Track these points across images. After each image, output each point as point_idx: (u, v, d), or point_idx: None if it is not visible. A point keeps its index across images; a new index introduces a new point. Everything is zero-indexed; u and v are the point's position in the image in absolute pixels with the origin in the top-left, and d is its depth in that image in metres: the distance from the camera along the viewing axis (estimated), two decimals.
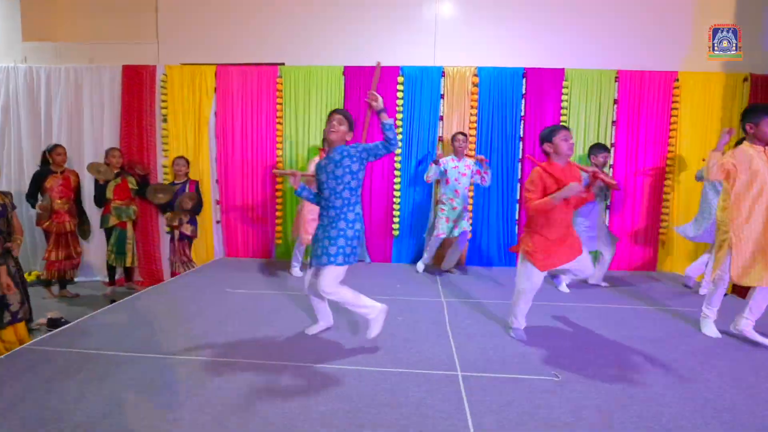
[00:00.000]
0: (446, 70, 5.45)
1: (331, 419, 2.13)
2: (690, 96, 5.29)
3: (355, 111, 5.47)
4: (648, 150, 5.40)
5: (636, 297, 4.38)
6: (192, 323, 3.37)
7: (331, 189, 2.93)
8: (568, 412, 2.24)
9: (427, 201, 5.62)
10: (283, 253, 5.77)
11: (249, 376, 2.52)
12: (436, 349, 3.02)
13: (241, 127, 5.64)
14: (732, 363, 2.85)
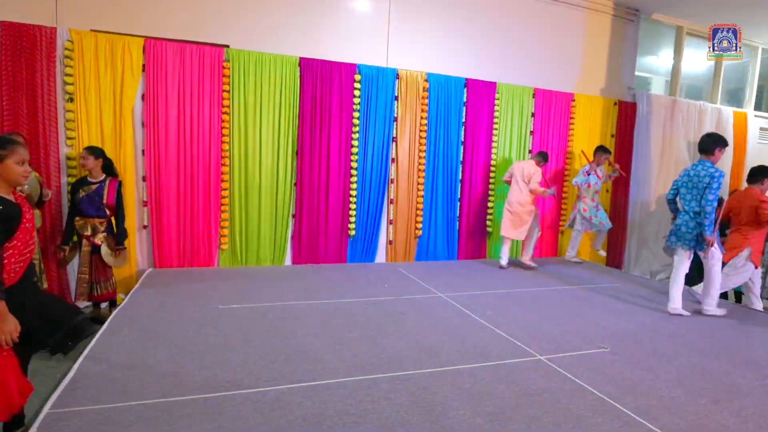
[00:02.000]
0: (400, 73, 5.60)
1: (496, 417, 2.18)
2: (582, 113, 6.60)
3: (310, 105, 5.22)
4: (554, 155, 6.53)
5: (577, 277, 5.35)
6: (254, 354, 2.85)
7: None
8: (644, 370, 2.75)
9: (382, 199, 5.68)
10: (229, 260, 5.13)
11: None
12: (492, 339, 3.23)
13: (177, 114, 4.77)
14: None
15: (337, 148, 5.39)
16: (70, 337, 2.19)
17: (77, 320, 2.21)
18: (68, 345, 2.20)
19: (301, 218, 5.35)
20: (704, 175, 3.84)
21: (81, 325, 2.22)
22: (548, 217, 6.58)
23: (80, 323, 2.22)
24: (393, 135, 5.68)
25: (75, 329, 2.20)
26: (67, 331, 2.16)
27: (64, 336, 2.15)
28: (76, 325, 2.20)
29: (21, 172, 2.09)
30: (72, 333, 2.19)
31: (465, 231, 6.14)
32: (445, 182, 5.97)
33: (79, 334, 2.23)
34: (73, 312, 2.25)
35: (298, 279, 4.69)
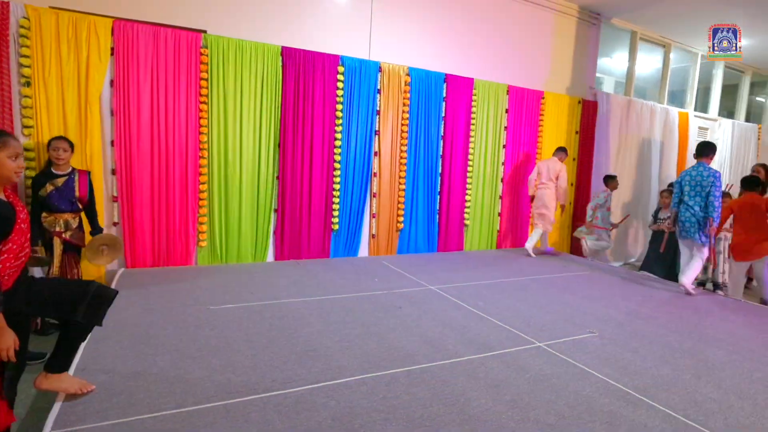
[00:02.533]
0: (382, 66, 5.58)
1: (521, 402, 2.28)
2: (550, 111, 6.89)
3: (293, 96, 5.09)
4: (525, 149, 6.78)
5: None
6: (265, 356, 2.76)
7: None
8: (630, 351, 2.96)
9: (365, 193, 5.66)
10: (208, 258, 4.93)
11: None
12: (491, 329, 3.34)
13: (150, 103, 4.50)
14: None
15: (321, 141, 5.30)
16: (97, 305, 2.06)
17: (94, 288, 2.06)
18: (98, 314, 2.08)
19: (284, 213, 5.23)
20: (707, 176, 4.48)
21: (100, 291, 2.08)
22: (518, 209, 6.84)
23: (99, 289, 2.08)
24: (376, 128, 5.66)
25: (97, 296, 2.06)
26: (90, 301, 2.02)
27: (88, 307, 2.02)
28: (96, 292, 2.05)
29: (14, 167, 1.92)
30: (97, 301, 2.05)
31: (444, 224, 6.26)
32: (426, 176, 6.05)
33: (105, 299, 2.09)
34: (84, 283, 2.09)
35: (284, 276, 4.59)
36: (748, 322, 3.87)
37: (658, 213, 5.74)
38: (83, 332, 2.13)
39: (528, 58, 6.71)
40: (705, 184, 4.48)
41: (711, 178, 4.46)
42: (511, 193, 6.76)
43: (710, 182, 4.45)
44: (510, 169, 6.68)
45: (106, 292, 2.10)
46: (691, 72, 8.64)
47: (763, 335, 3.56)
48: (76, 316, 2.00)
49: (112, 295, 2.13)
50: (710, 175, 4.48)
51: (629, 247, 7.72)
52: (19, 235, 1.87)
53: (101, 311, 2.09)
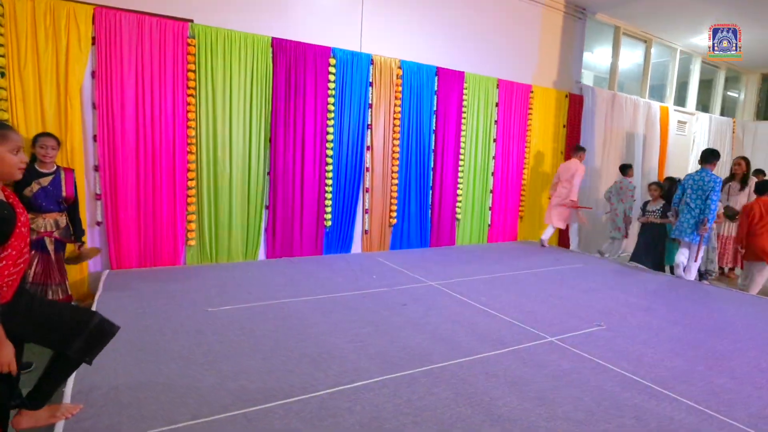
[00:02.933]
0: (374, 59, 5.47)
1: (548, 394, 2.24)
2: (539, 104, 6.92)
3: (284, 89, 4.93)
4: (515, 143, 6.80)
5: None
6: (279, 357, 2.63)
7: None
8: (641, 343, 2.98)
9: (358, 188, 5.55)
10: (197, 257, 4.73)
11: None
12: (500, 325, 3.31)
13: (135, 96, 4.26)
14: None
15: (312, 135, 5.15)
16: (95, 342, 1.89)
17: (95, 321, 1.89)
18: (93, 351, 1.90)
19: (275, 209, 5.07)
20: (708, 181, 4.78)
21: (101, 327, 1.91)
22: (508, 202, 6.86)
23: (101, 324, 1.91)
24: (368, 122, 5.54)
25: (97, 331, 1.89)
26: (88, 336, 1.86)
27: (85, 342, 1.85)
28: (97, 327, 1.89)
29: (16, 163, 1.74)
30: (95, 337, 1.88)
31: (436, 218, 6.21)
32: (418, 170, 5.98)
33: (104, 335, 1.92)
34: (87, 314, 1.92)
35: (278, 274, 4.45)
36: (743, 312, 3.97)
37: (647, 205, 5.84)
38: (71, 368, 1.94)
39: (517, 52, 6.72)
40: (706, 189, 4.78)
41: (711, 183, 4.76)
42: (501, 187, 6.77)
43: (711, 187, 4.75)
44: (500, 163, 6.69)
45: (107, 329, 1.93)
46: (670, 67, 8.85)
47: (760, 324, 3.65)
48: (68, 349, 1.83)
49: (113, 332, 1.95)
50: (711, 180, 4.78)
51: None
52: (19, 239, 1.70)
53: (97, 349, 1.92)
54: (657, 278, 5.11)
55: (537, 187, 7.15)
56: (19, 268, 1.74)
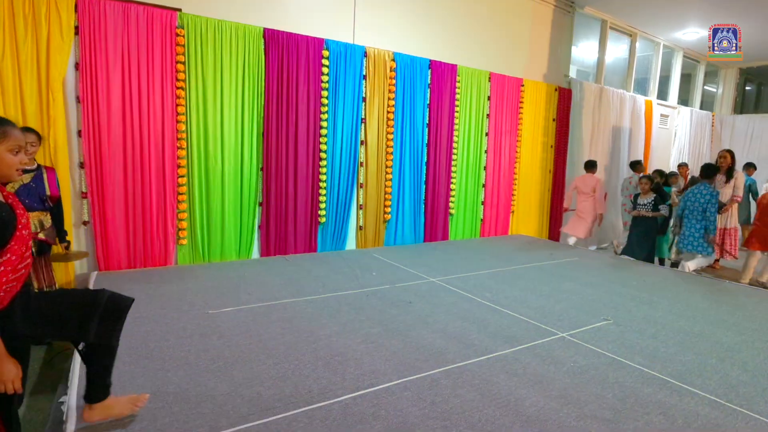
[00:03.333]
0: (368, 51, 5.35)
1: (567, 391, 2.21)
2: (529, 98, 6.93)
3: (276, 82, 4.77)
4: (507, 137, 6.79)
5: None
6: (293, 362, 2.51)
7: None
8: (649, 338, 2.99)
9: (352, 184, 5.44)
10: (189, 257, 4.55)
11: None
12: (510, 321, 3.28)
13: (121, 88, 4.04)
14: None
15: (306, 129, 5.01)
16: (112, 319, 1.75)
17: (105, 297, 1.75)
18: (114, 330, 1.77)
19: (269, 206, 4.92)
20: (705, 194, 5.03)
21: (114, 301, 1.77)
22: (499, 196, 6.86)
23: (111, 299, 1.77)
24: (362, 116, 5.43)
25: (110, 308, 1.75)
26: (102, 315, 1.72)
27: (100, 322, 1.72)
28: (108, 303, 1.74)
29: (15, 164, 1.60)
30: (110, 314, 1.75)
31: (430, 213, 6.15)
32: (412, 165, 5.91)
33: (119, 309, 1.78)
34: (92, 294, 1.76)
35: (275, 273, 4.32)
36: (740, 303, 4.05)
37: (637, 198, 5.92)
38: (104, 353, 1.82)
39: (508, 45, 6.69)
40: (703, 202, 5.03)
41: (708, 196, 5.01)
42: (493, 182, 6.76)
43: (707, 200, 5.00)
44: (492, 157, 6.67)
45: (119, 302, 1.79)
46: (653, 61, 8.99)
47: (759, 315, 3.72)
48: (86, 336, 1.70)
49: (128, 304, 1.82)
50: (708, 194, 5.02)
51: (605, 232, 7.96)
52: (19, 243, 1.55)
53: (117, 325, 1.78)
54: (653, 271, 5.18)
55: (528, 181, 7.17)
56: (20, 274, 1.59)
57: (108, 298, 1.76)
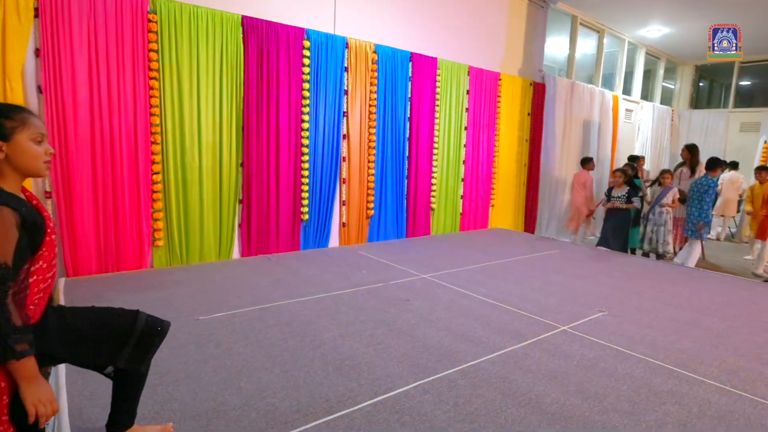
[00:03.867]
0: (349, 42, 5.19)
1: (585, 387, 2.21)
2: (506, 92, 6.98)
3: (256, 73, 4.55)
4: (485, 131, 6.82)
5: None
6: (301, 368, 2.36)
7: None
8: (646, 327, 3.07)
9: (335, 179, 5.30)
10: (166, 259, 4.28)
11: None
12: (511, 316, 3.27)
13: (88, 78, 3.71)
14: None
15: (287, 123, 4.82)
16: (146, 345, 1.58)
17: (143, 321, 1.57)
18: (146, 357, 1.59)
19: (250, 203, 4.70)
20: (704, 184, 5.34)
21: (152, 325, 1.59)
22: (478, 190, 6.90)
23: (150, 322, 1.59)
24: (344, 109, 5.28)
25: (148, 332, 1.57)
26: (138, 340, 1.55)
27: (135, 348, 1.55)
28: (147, 326, 1.57)
29: (41, 154, 1.40)
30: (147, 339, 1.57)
31: (412, 208, 6.10)
32: (394, 159, 5.82)
33: (157, 335, 1.60)
34: (130, 315, 1.58)
35: (261, 274, 4.13)
36: (717, 290, 4.24)
37: (611, 191, 6.10)
38: (137, 377, 1.63)
39: (486, 39, 6.70)
40: (702, 192, 5.34)
41: (705, 187, 5.31)
42: (472, 176, 6.78)
43: (704, 190, 5.30)
44: (471, 151, 6.69)
45: (157, 326, 1.60)
46: (618, 56, 9.29)
47: (736, 301, 3.91)
48: (118, 361, 1.52)
49: (165, 330, 1.63)
50: (706, 184, 5.33)
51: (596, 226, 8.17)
52: (49, 249, 1.38)
53: (150, 352, 1.60)
54: (631, 261, 5.36)
55: (505, 175, 7.25)
56: (48, 284, 1.42)
57: (146, 321, 1.58)
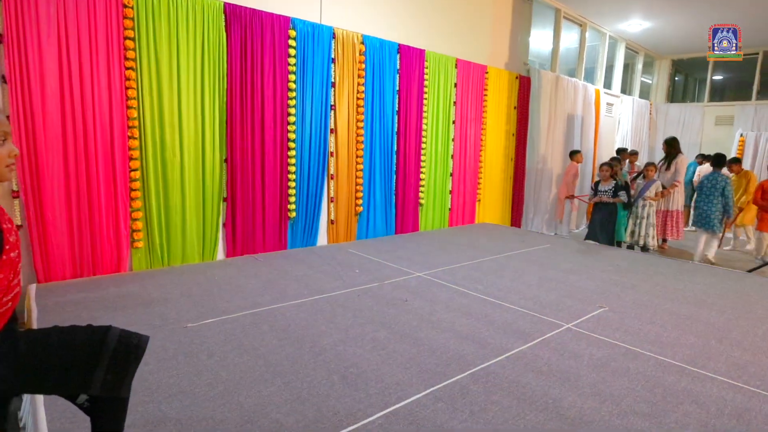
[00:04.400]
0: (336, 32, 5.00)
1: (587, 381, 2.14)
2: (493, 86, 6.91)
3: (240, 64, 4.33)
4: (472, 125, 6.74)
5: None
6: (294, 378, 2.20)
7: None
8: (647, 322, 3.04)
9: (322, 175, 5.12)
10: (146, 262, 4.04)
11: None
12: (513, 315, 3.19)
13: (59, 67, 3.43)
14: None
15: (273, 116, 4.61)
16: (121, 365, 1.31)
17: (115, 338, 1.32)
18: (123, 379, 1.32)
19: (234, 201, 4.49)
20: (720, 180, 5.67)
21: (125, 342, 1.33)
22: (466, 185, 6.83)
23: (122, 339, 1.33)
24: (331, 102, 5.09)
25: (121, 350, 1.31)
26: (110, 361, 1.30)
27: (108, 370, 1.29)
28: (118, 344, 1.32)
29: (4, 157, 1.22)
30: (120, 358, 1.31)
31: (401, 204, 5.97)
32: (383, 154, 5.68)
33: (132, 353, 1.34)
34: (98, 332, 1.33)
35: (249, 275, 3.94)
36: (708, 282, 4.26)
37: (598, 186, 6.11)
38: (117, 403, 1.36)
39: (473, 31, 6.61)
40: (719, 187, 5.66)
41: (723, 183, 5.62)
42: (460, 170, 6.70)
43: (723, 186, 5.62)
44: (459, 145, 6.60)
45: (132, 342, 1.35)
46: (600, 50, 9.35)
47: (730, 293, 3.94)
48: (90, 388, 1.27)
49: (143, 345, 1.37)
50: (722, 180, 5.64)
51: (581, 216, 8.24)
52: (7, 268, 1.18)
53: (128, 374, 1.34)
54: (619, 254, 5.38)
55: (492, 169, 7.20)
56: (7, 308, 1.22)
57: (119, 337, 1.33)
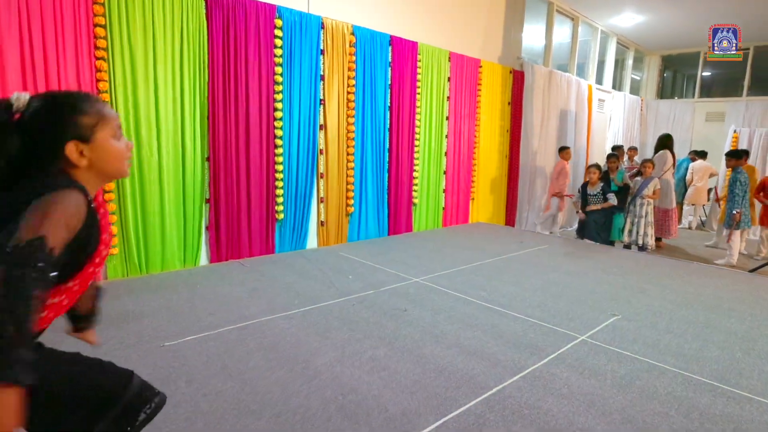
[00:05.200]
0: (325, 22, 4.71)
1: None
2: (487, 80, 6.69)
3: (222, 55, 4.01)
4: (466, 121, 6.51)
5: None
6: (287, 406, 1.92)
7: None
8: (671, 334, 2.84)
9: (312, 174, 4.83)
10: (122, 270, 3.71)
11: None
12: (522, 326, 2.97)
13: (20, 55, 3.07)
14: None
15: (258, 111, 4.30)
16: (127, 420, 1.13)
17: (135, 388, 1.15)
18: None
19: (218, 203, 4.17)
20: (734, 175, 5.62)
21: (141, 396, 1.16)
22: (460, 183, 6.60)
23: (141, 391, 1.17)
24: (320, 97, 4.80)
25: (132, 406, 1.13)
26: (122, 410, 1.11)
27: (115, 421, 1.10)
28: (134, 396, 1.14)
29: (124, 152, 1.09)
30: (129, 412, 1.13)
31: (393, 204, 5.72)
32: (374, 151, 5.41)
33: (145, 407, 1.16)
34: (122, 377, 1.17)
35: (234, 283, 3.64)
36: (718, 284, 4.10)
37: (586, 188, 5.90)
38: None
39: (466, 24, 6.36)
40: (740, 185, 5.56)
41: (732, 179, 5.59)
42: (454, 168, 6.47)
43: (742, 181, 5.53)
44: (452, 142, 6.37)
45: (153, 400, 1.18)
46: (591, 46, 9.20)
47: (745, 296, 3.78)
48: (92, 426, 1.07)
49: (160, 407, 1.20)
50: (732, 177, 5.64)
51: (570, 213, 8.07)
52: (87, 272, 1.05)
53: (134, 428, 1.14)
54: (621, 255, 5.21)
55: (486, 166, 6.99)
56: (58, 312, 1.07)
57: (140, 389, 1.16)
